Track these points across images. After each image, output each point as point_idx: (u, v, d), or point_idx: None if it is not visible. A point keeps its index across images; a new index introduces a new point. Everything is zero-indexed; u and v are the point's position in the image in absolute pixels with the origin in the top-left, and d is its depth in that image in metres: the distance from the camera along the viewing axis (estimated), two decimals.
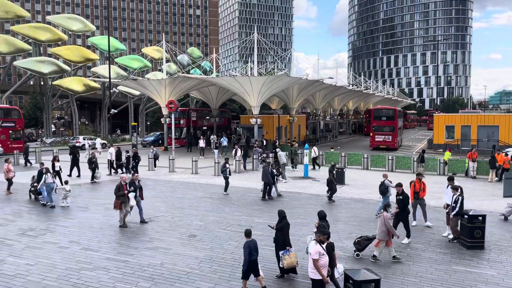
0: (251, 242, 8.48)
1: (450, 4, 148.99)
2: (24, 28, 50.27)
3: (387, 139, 41.80)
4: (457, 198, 12.04)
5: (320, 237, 7.56)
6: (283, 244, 9.35)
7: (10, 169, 18.61)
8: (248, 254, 8.27)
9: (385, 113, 44.53)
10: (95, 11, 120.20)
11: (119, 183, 13.44)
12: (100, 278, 9.34)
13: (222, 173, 19.52)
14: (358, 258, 10.65)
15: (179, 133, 43.70)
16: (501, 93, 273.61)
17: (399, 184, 12.28)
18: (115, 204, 13.29)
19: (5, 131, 35.93)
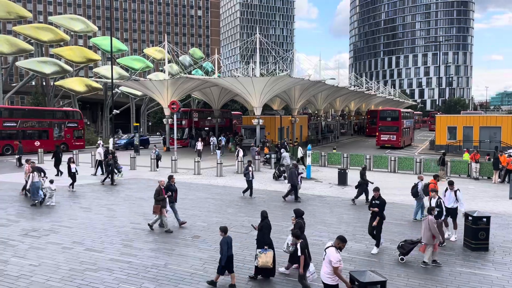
0: (228, 238, 8.93)
1: (451, 5, 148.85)
2: (26, 28, 50.32)
3: (392, 138, 44.58)
4: (439, 202, 11.74)
5: (339, 244, 7.52)
6: (263, 243, 9.41)
7: (29, 170, 18.40)
8: (226, 250, 8.72)
9: (390, 114, 47.21)
10: (96, 11, 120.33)
11: (158, 187, 13.09)
12: (104, 279, 9.33)
13: (244, 176, 18.79)
14: (402, 262, 10.53)
15: (181, 133, 43.72)
16: (502, 94, 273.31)
17: (376, 189, 11.74)
18: (155, 208, 12.96)
19: (69, 131, 41.02)
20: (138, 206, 16.72)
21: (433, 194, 12.01)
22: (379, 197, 11.48)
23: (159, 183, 13.32)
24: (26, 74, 63.44)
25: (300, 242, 8.51)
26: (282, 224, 14.03)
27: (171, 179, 14.02)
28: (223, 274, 8.91)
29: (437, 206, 11.65)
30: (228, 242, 8.88)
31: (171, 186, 13.74)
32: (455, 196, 12.53)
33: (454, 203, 12.61)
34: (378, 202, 11.41)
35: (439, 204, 11.68)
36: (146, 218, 14.71)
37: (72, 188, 19.76)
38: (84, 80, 55.48)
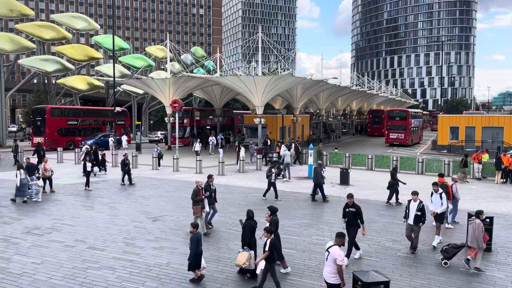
0: (198, 234, 9.03)
1: (454, 5, 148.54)
2: (29, 26, 50.34)
3: (400, 136, 47.91)
4: (421, 206, 10.99)
5: (341, 240, 7.57)
6: (243, 243, 9.41)
7: (46, 168, 18.53)
8: (196, 246, 8.79)
9: (398, 114, 50.22)
10: (98, 9, 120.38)
11: (196, 188, 12.65)
12: (107, 277, 9.33)
13: (267, 178, 17.98)
14: (446, 266, 10.30)
15: (182, 132, 43.73)
16: (505, 94, 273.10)
17: (350, 195, 10.83)
18: (196, 210, 12.44)
19: (119, 128, 44.75)
20: (140, 204, 16.72)
21: (414, 197, 11.14)
22: (354, 204, 10.63)
23: (197, 183, 12.84)
24: (28, 72, 63.54)
25: (271, 239, 8.57)
26: (284, 224, 14.02)
27: (209, 179, 13.52)
28: (194, 270, 8.97)
29: (419, 210, 10.93)
30: (198, 238, 8.96)
31: (210, 186, 13.28)
32: (441, 199, 11.77)
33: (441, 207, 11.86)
34: (353, 209, 10.56)
35: (421, 208, 10.92)
36: (148, 216, 14.72)
37: (88, 186, 19.67)
38: (86, 78, 55.49)
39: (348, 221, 10.62)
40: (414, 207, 11.03)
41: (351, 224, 10.56)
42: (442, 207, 11.80)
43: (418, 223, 10.94)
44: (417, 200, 11.06)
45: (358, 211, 10.52)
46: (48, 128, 39.07)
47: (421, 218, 10.94)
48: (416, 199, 11.09)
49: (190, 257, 8.91)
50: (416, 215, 10.92)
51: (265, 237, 8.66)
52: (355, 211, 10.51)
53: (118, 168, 26.67)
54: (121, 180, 21.15)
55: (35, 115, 40.74)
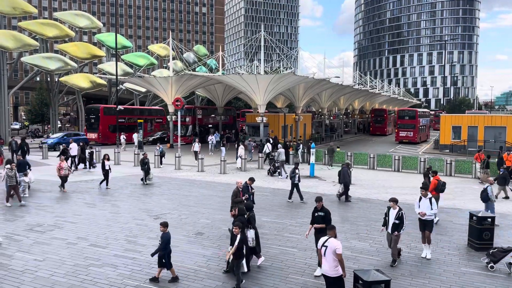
0: (169, 234, 9.12)
1: (457, 4, 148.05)
2: (31, 24, 50.38)
3: (409, 134, 50.98)
4: (400, 214, 10.27)
5: (334, 232, 7.78)
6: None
7: (61, 167, 18.34)
8: (166, 245, 8.92)
9: (408, 113, 53.27)
10: (101, 8, 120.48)
11: (236, 189, 12.33)
12: (108, 274, 9.37)
13: (290, 179, 17.48)
14: (492, 270, 10.13)
15: (184, 130, 43.78)
16: (507, 94, 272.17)
17: (319, 199, 10.11)
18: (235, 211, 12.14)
19: (157, 125, 50.39)
20: (142, 202, 16.76)
21: (393, 205, 10.39)
22: (322, 208, 9.97)
23: (237, 184, 12.60)
24: (31, 69, 63.73)
25: (242, 234, 8.74)
26: (286, 222, 14.05)
27: (249, 181, 13.26)
28: (169, 267, 9.04)
29: (398, 218, 10.25)
30: (169, 238, 9.04)
31: (248, 188, 13.05)
32: (430, 204, 10.85)
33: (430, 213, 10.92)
34: (322, 213, 9.87)
35: (400, 216, 10.22)
36: (149, 214, 14.76)
37: (106, 185, 19.57)
38: (88, 76, 55.54)
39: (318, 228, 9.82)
40: (393, 215, 10.34)
41: (321, 229, 9.71)
42: (432, 211, 10.91)
43: (396, 231, 10.28)
44: (396, 208, 10.36)
45: (327, 216, 9.83)
46: (101, 125, 43.36)
47: (398, 227, 10.22)
48: (395, 207, 10.36)
49: (157, 254, 8.96)
50: (394, 223, 10.24)
51: (235, 233, 8.82)
52: (323, 216, 9.81)
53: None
54: (144, 180, 20.81)
55: (90, 114, 44.76)
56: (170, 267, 9.08)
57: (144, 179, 20.84)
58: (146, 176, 20.77)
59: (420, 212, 10.90)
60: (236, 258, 8.72)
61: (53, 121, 53.48)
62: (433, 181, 14.84)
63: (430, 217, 10.93)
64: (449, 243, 12.08)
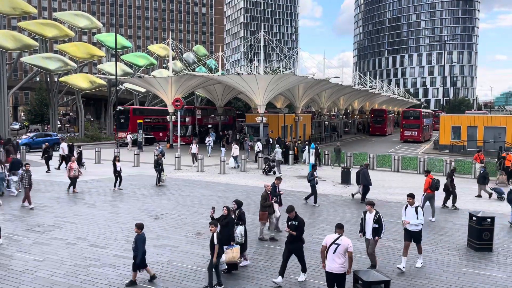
0: (143, 235, 8.98)
1: (457, 4, 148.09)
2: (31, 24, 50.34)
3: (414, 134, 52.99)
4: (377, 217, 9.80)
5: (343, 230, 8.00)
6: (228, 239, 9.40)
7: (72, 168, 18.16)
8: (142, 247, 8.78)
9: (412, 114, 55.86)
10: (101, 8, 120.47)
11: (265, 193, 11.91)
12: (108, 275, 9.36)
13: (309, 182, 16.94)
14: None
15: (184, 130, 43.77)
16: (507, 94, 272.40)
17: (290, 208, 9.47)
18: (262, 216, 11.85)
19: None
20: (141, 202, 16.76)
21: (369, 208, 9.95)
22: (296, 216, 9.38)
23: (266, 188, 12.21)
24: (31, 70, 63.71)
25: (217, 233, 8.71)
26: (285, 223, 14.01)
27: (276, 181, 13.00)
28: (140, 269, 8.91)
29: (376, 222, 9.74)
30: (143, 239, 8.92)
31: (277, 188, 12.78)
32: (416, 213, 10.14)
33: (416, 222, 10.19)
34: (295, 223, 9.27)
35: (378, 220, 9.74)
36: (149, 214, 14.75)
37: (119, 186, 19.37)
38: (88, 76, 55.49)
39: (289, 236, 9.31)
40: (371, 219, 9.86)
41: (294, 239, 9.26)
42: (418, 221, 10.08)
43: (376, 236, 9.77)
44: (372, 211, 9.89)
45: (301, 225, 9.28)
46: (131, 125, 44.76)
47: (378, 231, 9.72)
48: (372, 210, 9.91)
49: (135, 257, 8.79)
50: (374, 227, 9.71)
51: (211, 231, 8.79)
52: (296, 225, 9.25)
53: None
54: (157, 181, 20.58)
55: (120, 114, 46.32)
56: (143, 266, 8.92)
57: (158, 180, 20.51)
58: (160, 177, 20.46)
59: (404, 220, 10.23)
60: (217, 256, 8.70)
61: (53, 121, 53.45)
62: (427, 180, 14.96)
63: (417, 227, 10.17)
64: (449, 244, 12.09)
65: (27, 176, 15.51)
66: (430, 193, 14.81)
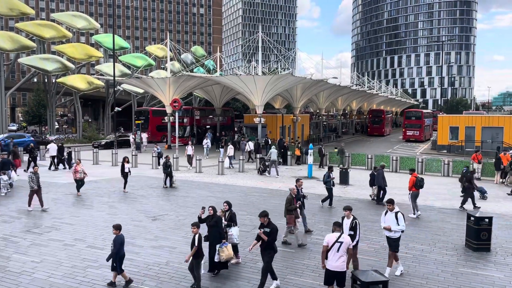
0: (122, 236, 8.83)
1: (454, 5, 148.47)
2: (29, 25, 50.25)
3: (416, 133, 54.57)
4: (354, 224, 9.37)
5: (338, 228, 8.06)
6: (220, 238, 9.41)
7: (77, 170, 18.00)
8: (119, 248, 8.66)
9: (414, 114, 57.50)
10: (99, 9, 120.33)
11: (290, 196, 11.71)
12: (106, 276, 9.34)
13: (325, 184, 16.59)
14: None
15: (182, 131, 43.73)
16: (505, 95, 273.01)
17: (263, 214, 8.99)
18: (290, 219, 11.59)
19: None
20: (139, 203, 16.73)
21: (347, 213, 9.49)
22: (269, 223, 8.87)
23: (291, 191, 11.99)
24: (28, 71, 63.60)
25: (199, 234, 8.75)
26: (284, 223, 14.01)
27: (298, 183, 12.81)
28: (120, 272, 8.79)
29: (352, 228, 9.30)
30: (122, 241, 8.79)
31: (300, 192, 12.63)
32: (396, 219, 9.61)
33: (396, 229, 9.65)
34: (268, 230, 8.77)
35: (354, 226, 9.30)
36: (147, 215, 14.73)
37: (124, 189, 19.16)
38: (86, 77, 55.39)
39: (262, 243, 8.81)
40: (347, 225, 9.37)
41: (266, 247, 8.78)
42: (398, 227, 9.58)
43: (352, 243, 8.93)
44: (350, 217, 9.45)
45: (273, 232, 8.79)
46: (150, 126, 46.97)
47: (352, 239, 9.00)
48: (350, 215, 9.46)
49: (112, 258, 8.73)
50: (349, 234, 9.12)
51: (193, 232, 8.81)
52: (269, 232, 8.74)
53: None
54: (163, 183, 20.36)
55: (139, 115, 48.69)
56: (121, 271, 8.78)
57: (167, 183, 20.26)
58: (170, 179, 20.27)
59: (385, 226, 9.70)
60: (195, 258, 8.70)
61: (51, 122, 53.37)
62: (411, 178, 15.37)
63: (396, 234, 9.65)
64: (447, 244, 12.10)
65: (36, 178, 15.21)
66: (415, 191, 15.27)
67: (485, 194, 18.59)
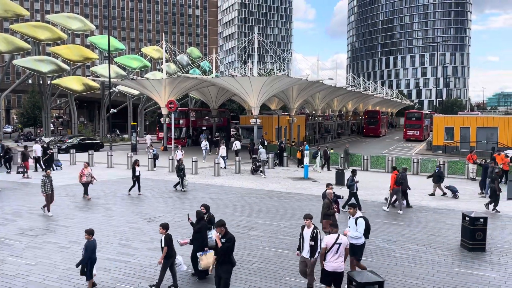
0: (94, 241, 8.61)
1: (449, 6, 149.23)
2: (24, 26, 50.05)
3: (416, 133, 57.66)
4: (314, 233, 8.37)
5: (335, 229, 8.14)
6: (201, 246, 9.28)
7: (83, 173, 17.66)
8: (90, 253, 8.40)
9: (414, 115, 61.05)
10: (94, 10, 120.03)
11: (328, 201, 11.18)
12: (101, 278, 9.30)
13: (348, 188, 15.96)
14: None
15: (178, 133, 43.67)
16: (499, 95, 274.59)
17: (220, 223, 8.09)
18: (326, 224, 10.92)
19: None
20: (135, 205, 16.68)
21: (307, 223, 8.50)
22: (226, 233, 7.99)
23: (328, 195, 11.61)
24: (23, 72, 63.33)
25: (165, 235, 8.74)
26: (280, 224, 14.03)
27: (329, 187, 12.36)
28: (88, 278, 8.49)
29: (312, 239, 8.35)
30: (94, 246, 8.55)
31: (336, 197, 12.44)
32: (356, 224, 9.20)
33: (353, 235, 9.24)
34: (223, 240, 7.91)
35: (315, 236, 8.34)
36: (143, 217, 14.69)
37: (139, 191, 18.83)
38: (81, 79, 55.24)
39: (218, 256, 7.95)
40: (308, 235, 8.44)
41: (224, 261, 7.87)
42: (355, 234, 9.16)
43: (313, 256, 8.38)
44: (310, 226, 8.47)
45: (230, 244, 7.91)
46: None
47: (313, 250, 8.34)
48: (310, 225, 8.46)
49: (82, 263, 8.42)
50: (310, 245, 8.35)
51: (160, 233, 8.81)
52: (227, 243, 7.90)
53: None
54: (181, 186, 19.99)
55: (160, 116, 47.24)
56: (88, 278, 8.48)
57: (181, 185, 20.01)
58: (182, 182, 20.01)
59: (344, 231, 9.22)
60: (166, 258, 8.69)
61: (46, 124, 53.14)
62: (392, 176, 15.94)
63: (358, 240, 9.17)
64: (442, 244, 12.14)
65: (49, 181, 14.92)
66: (396, 187, 15.87)
67: (457, 194, 18.92)
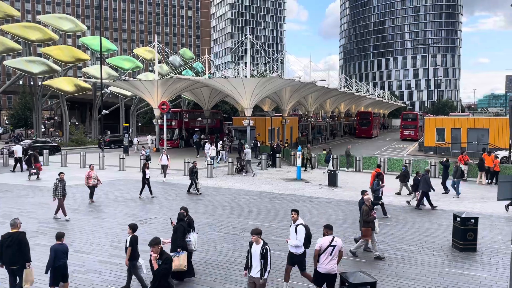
0: (65, 246, 8.35)
1: (440, 8, 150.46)
2: (14, 27, 49.64)
3: (412, 133, 61.09)
4: (264, 250, 7.42)
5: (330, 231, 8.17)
6: (174, 246, 9.33)
7: (90, 176, 17.36)
8: (53, 258, 8.05)
9: (410, 116, 64.82)
10: (85, 11, 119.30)
11: (366, 207, 10.99)
12: (93, 281, 9.25)
13: (373, 193, 15.48)
14: None
15: (171, 134, 43.54)
16: (490, 97, 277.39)
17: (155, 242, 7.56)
18: (366, 232, 10.87)
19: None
20: (127, 207, 16.59)
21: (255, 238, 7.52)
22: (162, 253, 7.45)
23: (366, 202, 11.25)
24: (14, 73, 62.68)
25: (132, 236, 8.78)
26: (273, 226, 14.04)
27: (364, 194, 11.93)
28: (50, 284, 8.16)
29: (262, 256, 7.43)
30: (58, 250, 8.17)
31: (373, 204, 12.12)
32: (296, 232, 8.49)
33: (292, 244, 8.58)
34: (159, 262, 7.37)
35: (264, 254, 7.42)
36: (135, 219, 14.61)
37: (151, 194, 18.58)
38: (73, 80, 54.89)
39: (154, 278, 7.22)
40: (257, 252, 7.48)
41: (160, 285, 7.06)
42: (294, 243, 8.50)
43: (263, 275, 7.46)
44: (259, 242, 7.50)
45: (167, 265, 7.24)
46: None
47: (264, 270, 7.44)
48: (259, 241, 7.51)
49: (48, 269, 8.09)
50: (262, 263, 7.43)
51: (128, 234, 8.85)
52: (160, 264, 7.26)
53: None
54: (195, 189, 19.66)
55: None
56: (52, 284, 8.16)
57: (195, 189, 19.72)
58: (195, 185, 19.74)
59: (286, 239, 8.93)
60: (130, 260, 8.65)
61: (37, 125, 52.70)
62: (373, 173, 16.36)
63: (298, 250, 8.53)
64: (433, 244, 12.22)
65: (61, 185, 14.58)
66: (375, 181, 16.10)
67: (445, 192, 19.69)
